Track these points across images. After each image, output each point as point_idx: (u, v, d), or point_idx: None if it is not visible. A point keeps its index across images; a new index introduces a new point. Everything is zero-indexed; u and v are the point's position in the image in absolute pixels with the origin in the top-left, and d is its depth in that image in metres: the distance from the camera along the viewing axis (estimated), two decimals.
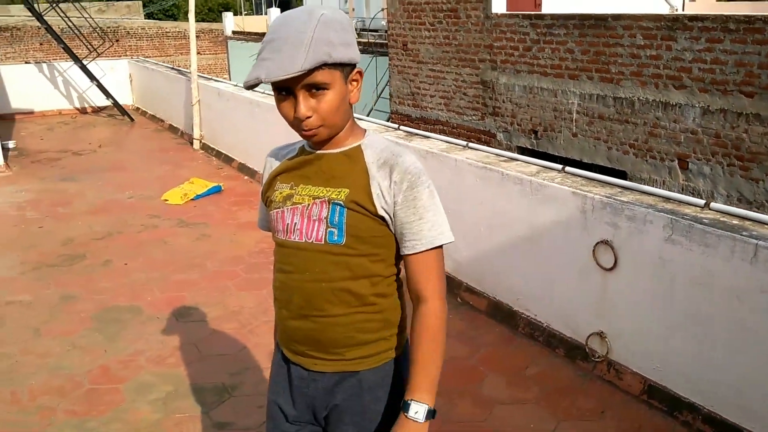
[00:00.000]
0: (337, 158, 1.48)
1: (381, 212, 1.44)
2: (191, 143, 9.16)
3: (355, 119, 1.51)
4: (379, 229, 1.46)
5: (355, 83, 1.44)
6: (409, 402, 1.41)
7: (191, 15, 9.09)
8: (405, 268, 1.50)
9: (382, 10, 15.10)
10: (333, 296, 1.47)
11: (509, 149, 9.38)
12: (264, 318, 4.03)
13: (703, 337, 2.76)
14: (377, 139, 1.52)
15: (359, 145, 1.49)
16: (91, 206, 6.57)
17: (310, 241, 1.47)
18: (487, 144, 9.56)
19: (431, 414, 1.41)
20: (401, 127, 5.08)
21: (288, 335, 1.57)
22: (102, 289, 4.57)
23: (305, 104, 1.37)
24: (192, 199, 6.60)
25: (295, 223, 1.48)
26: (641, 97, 7.77)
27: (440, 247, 1.46)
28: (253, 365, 3.53)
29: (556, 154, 8.87)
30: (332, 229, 1.44)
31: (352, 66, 1.41)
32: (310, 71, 1.31)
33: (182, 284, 4.61)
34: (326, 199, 1.45)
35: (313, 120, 1.38)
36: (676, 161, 7.57)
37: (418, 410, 1.40)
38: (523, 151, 9.22)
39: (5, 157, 8.22)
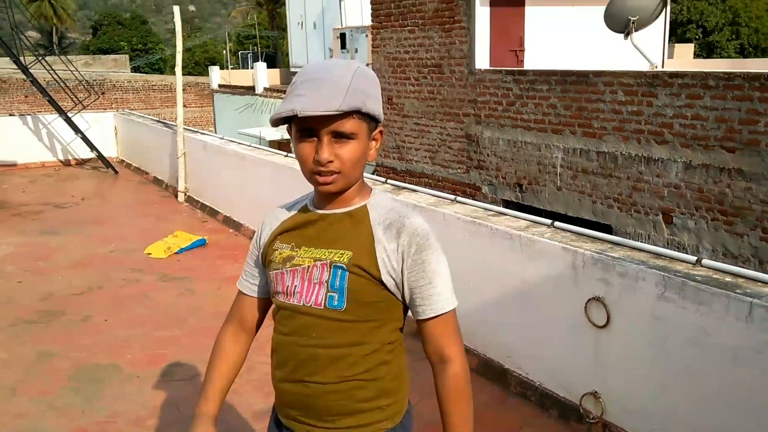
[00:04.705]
0: (340, 219, 1.45)
1: (385, 277, 1.40)
2: (176, 196, 9.10)
3: (364, 178, 1.49)
4: (382, 294, 1.42)
5: (374, 142, 1.44)
6: None
7: (178, 68, 9.15)
8: (421, 331, 1.47)
9: (368, 65, 15.32)
10: (329, 363, 1.42)
11: (494, 202, 9.43)
12: (247, 377, 3.91)
13: (700, 396, 2.69)
14: (384, 199, 1.49)
15: (365, 205, 1.46)
16: (72, 260, 6.44)
17: (309, 305, 1.43)
18: (473, 197, 9.60)
19: None
20: (389, 181, 5.07)
21: (281, 398, 1.53)
22: (81, 346, 4.44)
23: (329, 149, 1.35)
24: (176, 253, 6.50)
25: (296, 286, 1.44)
26: (624, 152, 7.87)
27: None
28: (238, 427, 3.41)
29: (542, 207, 8.91)
30: (332, 294, 1.40)
31: (376, 123, 1.42)
32: (345, 114, 1.32)
33: (164, 341, 4.49)
34: (328, 261, 1.41)
35: (334, 166, 1.37)
36: (660, 215, 7.62)
37: None
38: (508, 204, 9.26)
39: None
